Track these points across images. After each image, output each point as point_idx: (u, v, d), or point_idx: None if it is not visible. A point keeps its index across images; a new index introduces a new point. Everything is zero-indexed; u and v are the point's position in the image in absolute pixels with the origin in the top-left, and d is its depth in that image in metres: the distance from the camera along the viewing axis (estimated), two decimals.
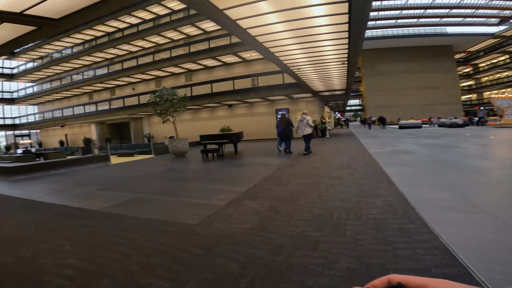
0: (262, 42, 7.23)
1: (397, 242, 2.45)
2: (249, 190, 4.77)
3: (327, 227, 2.91)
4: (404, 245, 2.39)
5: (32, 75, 30.77)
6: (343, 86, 16.38)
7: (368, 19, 6.31)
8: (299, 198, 4.10)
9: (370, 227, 2.85)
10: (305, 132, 8.97)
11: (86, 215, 3.88)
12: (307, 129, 8.95)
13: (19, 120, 33.19)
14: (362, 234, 2.69)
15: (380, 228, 2.79)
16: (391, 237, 2.57)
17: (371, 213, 3.25)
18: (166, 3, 20.36)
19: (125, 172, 8.17)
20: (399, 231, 2.70)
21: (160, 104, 11.56)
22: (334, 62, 10.04)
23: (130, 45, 23.71)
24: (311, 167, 6.75)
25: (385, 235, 2.62)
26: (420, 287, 0.31)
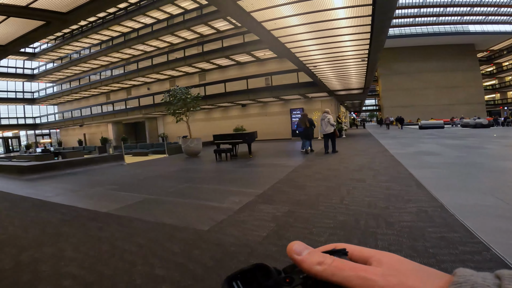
0: (278, 37, 6.90)
1: (441, 254, 2.11)
2: (264, 193, 4.48)
3: (354, 237, 2.59)
4: (450, 257, 2.06)
5: (52, 75, 31.77)
6: (360, 85, 15.78)
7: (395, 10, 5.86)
8: (319, 202, 3.77)
9: (405, 236, 2.50)
10: (326, 131, 8.80)
11: (94, 218, 3.70)
12: (329, 128, 8.76)
13: (39, 120, 34.36)
14: (397, 244, 2.34)
15: (418, 238, 2.44)
16: (433, 248, 2.23)
17: (404, 221, 2.89)
18: (179, 2, 20.42)
19: (138, 172, 8.08)
20: (441, 241, 2.35)
21: (173, 103, 11.49)
22: (353, 59, 9.56)
23: (145, 45, 23.97)
24: (329, 169, 6.38)
25: (425, 246, 2.27)
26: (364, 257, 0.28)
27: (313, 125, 9.71)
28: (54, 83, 32.93)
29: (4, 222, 3.70)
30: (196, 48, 21.15)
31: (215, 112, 23.96)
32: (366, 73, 11.95)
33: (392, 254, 0.27)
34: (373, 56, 8.92)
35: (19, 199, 5.17)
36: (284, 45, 7.69)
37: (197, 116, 23.19)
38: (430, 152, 8.16)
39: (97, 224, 3.43)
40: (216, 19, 19.74)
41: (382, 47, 8.45)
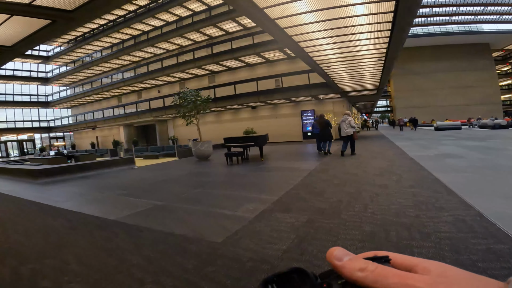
0: (292, 35, 6.63)
1: (492, 269, 1.86)
2: (280, 200, 4.22)
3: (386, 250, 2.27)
4: (504, 271, 1.82)
5: (66, 78, 32.44)
6: (375, 85, 15.32)
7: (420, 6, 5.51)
8: (341, 210, 3.48)
9: (447, 249, 2.22)
10: (346, 133, 8.77)
11: (101, 226, 3.52)
12: (348, 130, 8.69)
13: (53, 123, 35.10)
14: (439, 258, 2.04)
15: (461, 251, 2.16)
16: (482, 262, 1.97)
17: (441, 231, 2.59)
18: (188, 4, 20.48)
19: (148, 176, 7.95)
20: (489, 253, 2.08)
21: (183, 106, 11.38)
22: (369, 58, 9.17)
23: (155, 48, 24.14)
24: (347, 173, 6.06)
25: (471, 260, 2.01)
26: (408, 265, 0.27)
27: (330, 126, 9.61)
28: (68, 87, 33.61)
29: (8, 229, 3.56)
30: (205, 50, 21.13)
31: (225, 114, 23.84)
32: (381, 73, 11.52)
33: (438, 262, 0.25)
34: (392, 55, 8.52)
35: (27, 204, 5.07)
36: (297, 44, 7.42)
37: (207, 119, 23.13)
38: (453, 155, 7.73)
39: (104, 233, 3.24)
40: (225, 21, 19.68)
41: (402, 46, 8.06)
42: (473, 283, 0.22)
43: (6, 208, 4.71)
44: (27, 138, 34.39)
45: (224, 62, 20.91)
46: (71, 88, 32.44)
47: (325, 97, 18.89)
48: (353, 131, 8.75)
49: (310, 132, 19.69)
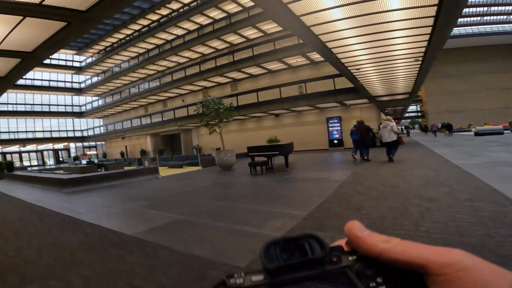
0: (318, 34, 6.18)
1: None
2: (311, 215, 3.75)
3: None
4: None
5: (97, 89, 34.25)
6: (408, 89, 14.31)
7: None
8: (386, 228, 2.97)
9: None
10: (389, 139, 8.60)
11: (117, 242, 3.26)
12: (391, 136, 8.50)
13: (87, 133, 37.08)
14: None
15: None
16: None
17: None
18: (208, 12, 20.84)
19: (171, 186, 7.80)
20: None
21: (206, 114, 11.27)
22: (405, 59, 8.41)
23: (178, 56, 24.77)
24: (385, 184, 5.41)
25: None
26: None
27: (370, 131, 9.47)
28: (99, 97, 35.43)
29: (22, 242, 3.43)
30: (226, 58, 21.24)
31: (247, 122, 23.66)
32: (417, 75, 10.63)
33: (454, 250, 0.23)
34: (431, 55, 7.73)
35: (50, 216, 5.02)
36: (324, 44, 6.93)
37: (230, 127, 23.06)
38: (508, 162, 6.76)
39: (119, 251, 2.96)
40: (245, 27, 19.71)
41: (444, 44, 7.27)
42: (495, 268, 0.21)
43: (28, 220, 4.67)
44: (63, 147, 36.56)
45: (246, 69, 20.85)
46: (102, 98, 34.15)
47: (352, 102, 18.05)
48: (398, 136, 8.57)
49: (336, 140, 18.88)
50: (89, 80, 34.54)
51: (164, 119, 26.04)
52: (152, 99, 28.80)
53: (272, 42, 18.68)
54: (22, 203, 6.64)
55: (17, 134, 31.70)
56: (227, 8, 20.63)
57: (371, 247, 0.24)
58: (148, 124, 27.69)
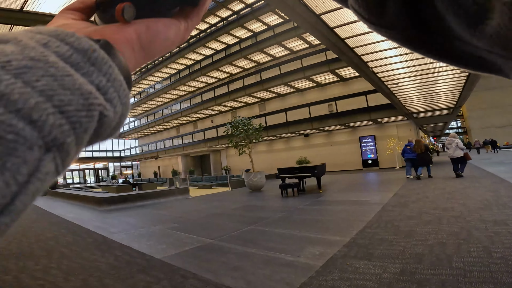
0: (353, 47, 5.92)
1: None
2: (354, 242, 3.35)
3: None
4: None
5: (134, 110, 36.57)
6: (451, 103, 13.27)
7: None
8: (449, 256, 2.57)
9: None
10: (455, 155, 8.63)
11: (145, 267, 3.11)
12: (457, 152, 8.56)
13: (124, 153, 39.30)
14: None
15: None
16: None
17: None
18: (234, 32, 21.66)
19: (201, 208, 7.70)
20: None
21: (236, 135, 11.28)
22: (449, 71, 7.75)
23: (207, 77, 25.80)
24: (436, 207, 4.82)
25: None
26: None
27: (429, 150, 9.54)
28: (135, 118, 37.71)
29: (52, 263, 3.40)
30: (254, 77, 21.58)
31: (276, 143, 23.45)
32: (462, 89, 9.79)
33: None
34: None
35: (83, 234, 5.07)
36: (359, 58, 6.61)
37: (259, 148, 22.97)
38: None
39: (146, 277, 2.79)
40: (271, 45, 20.05)
41: None
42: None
43: (62, 238, 4.74)
44: (102, 167, 38.99)
45: (274, 88, 20.96)
46: (138, 119, 36.28)
47: (387, 120, 17.15)
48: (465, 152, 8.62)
49: (371, 159, 17.86)
50: None
51: (194, 140, 26.79)
52: (183, 120, 29.98)
53: (299, 60, 18.72)
54: (59, 220, 6.89)
55: None
56: (252, 27, 21.35)
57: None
58: (179, 145, 28.66)
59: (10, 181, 0.12)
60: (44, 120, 0.13)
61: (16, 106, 0.12)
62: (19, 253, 3.91)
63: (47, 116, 0.13)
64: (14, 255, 3.84)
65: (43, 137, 0.13)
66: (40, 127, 0.13)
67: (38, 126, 0.13)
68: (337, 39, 5.44)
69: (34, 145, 0.12)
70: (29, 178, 0.12)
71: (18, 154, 0.12)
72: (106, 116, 0.16)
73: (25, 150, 0.12)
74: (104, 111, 0.16)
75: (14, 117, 0.12)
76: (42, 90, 0.13)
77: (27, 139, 0.12)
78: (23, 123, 0.12)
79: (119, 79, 0.17)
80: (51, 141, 0.13)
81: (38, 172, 0.13)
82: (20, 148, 0.12)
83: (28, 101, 0.12)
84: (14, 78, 0.13)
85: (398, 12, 0.22)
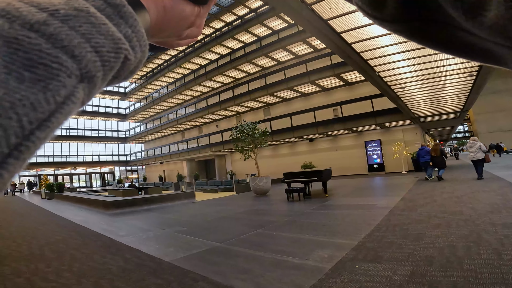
0: (360, 52, 5.94)
1: None
2: (362, 245, 3.36)
3: None
4: None
5: (139, 115, 36.88)
6: (457, 107, 13.16)
7: None
8: (460, 258, 2.61)
9: None
10: (476, 157, 8.85)
11: (155, 270, 3.13)
12: (479, 154, 8.78)
13: (129, 157, 39.58)
14: None
15: None
16: None
17: None
18: (239, 36, 21.82)
19: (207, 212, 7.71)
20: None
21: (241, 140, 11.31)
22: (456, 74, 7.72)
23: (212, 81, 25.92)
24: (445, 211, 4.81)
25: None
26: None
27: (444, 155, 10.13)
28: (141, 123, 38.05)
29: (63, 265, 3.44)
30: (259, 82, 21.58)
31: (281, 148, 23.41)
32: (469, 92, 9.73)
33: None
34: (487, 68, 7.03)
35: (92, 237, 5.13)
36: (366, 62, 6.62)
37: (263, 153, 22.93)
38: None
39: (156, 280, 2.82)
40: (276, 50, 20.12)
41: None
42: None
43: (72, 241, 4.80)
44: (108, 171, 39.30)
45: (278, 92, 20.97)
46: (144, 124, 36.59)
47: (393, 124, 17.04)
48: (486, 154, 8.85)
49: (377, 164, 17.73)
50: (133, 106, 37.49)
51: (199, 145, 26.87)
52: (188, 124, 30.13)
53: (304, 64, 18.72)
54: (68, 223, 6.97)
55: (69, 157, 34.88)
56: (257, 32, 21.51)
57: None
58: (184, 149, 28.77)
59: (50, 99, 0.15)
60: (83, 55, 0.16)
61: (62, 43, 0.16)
62: (29, 255, 3.97)
63: (85, 53, 0.16)
64: (25, 257, 3.90)
65: (80, 69, 0.16)
66: (79, 61, 0.16)
67: (77, 60, 0.16)
68: (344, 44, 5.48)
69: (73, 74, 0.16)
70: (65, 100, 0.16)
71: (59, 79, 0.15)
72: (129, 59, 0.20)
73: (66, 77, 0.15)
74: (128, 55, 0.19)
75: (60, 51, 0.15)
76: (83, 33, 0.17)
77: (68, 69, 0.16)
78: (66, 57, 0.16)
79: (141, 31, 0.21)
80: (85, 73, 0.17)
81: (73, 96, 0.16)
82: (62, 75, 0.15)
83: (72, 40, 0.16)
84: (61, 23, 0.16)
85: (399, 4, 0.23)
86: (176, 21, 0.27)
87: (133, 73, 0.22)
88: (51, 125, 0.15)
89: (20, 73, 0.14)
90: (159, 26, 0.26)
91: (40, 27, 0.15)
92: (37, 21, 0.15)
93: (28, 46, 0.15)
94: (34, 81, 0.14)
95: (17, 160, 0.14)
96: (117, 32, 0.19)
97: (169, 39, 0.30)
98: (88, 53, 0.17)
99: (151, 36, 0.26)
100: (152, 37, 0.27)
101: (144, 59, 0.22)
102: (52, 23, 0.16)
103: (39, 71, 0.15)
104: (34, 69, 0.14)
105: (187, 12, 0.28)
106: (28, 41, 0.15)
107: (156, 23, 0.25)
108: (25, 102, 0.14)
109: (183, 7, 0.27)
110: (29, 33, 0.15)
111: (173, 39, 0.30)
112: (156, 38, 0.28)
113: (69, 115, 0.17)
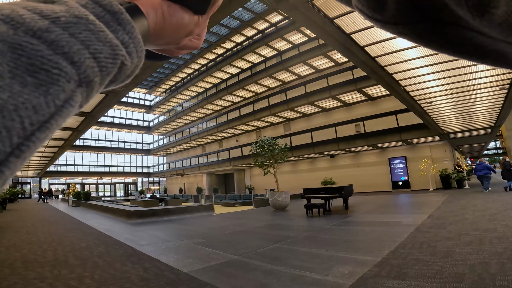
0: (384, 65, 5.84)
1: None
2: (385, 261, 3.20)
3: None
4: None
5: (163, 128, 38.09)
6: (489, 123, 12.42)
7: None
8: (493, 275, 2.42)
9: None
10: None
11: (173, 281, 3.14)
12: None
13: (152, 169, 40.76)
14: None
15: None
16: None
17: None
18: (259, 50, 22.19)
19: (226, 225, 7.70)
20: None
21: (261, 155, 11.32)
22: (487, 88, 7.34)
23: (233, 96, 26.36)
24: (477, 228, 4.55)
25: None
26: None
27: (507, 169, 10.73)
28: (164, 135, 39.30)
29: (86, 272, 3.53)
30: (279, 96, 21.54)
31: (301, 164, 23.08)
32: (501, 107, 9.20)
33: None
34: None
35: (115, 245, 5.25)
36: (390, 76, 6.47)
37: (283, 169, 22.69)
38: None
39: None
40: (296, 64, 20.18)
41: None
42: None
43: (95, 249, 4.94)
44: (132, 181, 40.62)
45: (299, 107, 20.86)
46: (167, 137, 37.75)
47: (419, 141, 16.33)
48: None
49: (401, 181, 16.93)
50: (157, 119, 38.98)
51: (219, 159, 27.16)
52: (209, 139, 30.69)
53: (325, 79, 18.58)
54: (93, 231, 7.21)
55: (96, 167, 36.52)
56: (277, 46, 21.86)
57: None
58: (204, 163, 29.18)
59: (50, 103, 0.16)
60: (82, 61, 0.17)
61: (63, 50, 0.17)
62: (54, 261, 4.12)
63: (84, 59, 0.17)
64: (49, 263, 4.03)
65: (79, 74, 0.17)
66: (78, 66, 0.17)
67: (76, 66, 0.17)
68: (368, 58, 5.42)
69: (72, 79, 0.17)
70: (64, 103, 0.17)
71: (59, 84, 0.16)
72: (125, 65, 0.21)
73: (65, 82, 0.16)
74: (124, 61, 0.20)
75: (60, 57, 0.16)
76: (82, 40, 0.18)
77: (68, 74, 0.17)
78: (66, 63, 0.17)
79: (138, 38, 0.22)
80: (84, 78, 0.17)
81: (71, 100, 0.17)
82: (62, 80, 0.16)
83: (72, 47, 0.17)
84: (62, 30, 0.17)
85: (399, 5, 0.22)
86: (174, 28, 0.28)
87: (130, 77, 0.23)
88: (50, 127, 0.16)
89: (23, 77, 0.15)
90: (157, 32, 0.26)
91: (43, 34, 0.16)
92: (40, 28, 0.16)
93: (31, 52, 0.15)
94: (36, 86, 0.15)
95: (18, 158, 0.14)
96: (114, 38, 0.20)
97: (168, 46, 0.31)
98: (86, 59, 0.18)
99: (150, 43, 0.27)
100: (151, 43, 0.28)
101: (140, 64, 0.23)
102: (53, 30, 0.17)
103: (41, 76, 0.15)
104: (36, 74, 0.15)
105: (186, 20, 0.28)
106: (31, 47, 0.15)
107: (154, 29, 0.26)
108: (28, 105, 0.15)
109: (182, 15, 0.28)
110: (32, 40, 0.16)
111: (172, 47, 0.31)
112: (155, 45, 0.29)
113: (68, 117, 0.17)
